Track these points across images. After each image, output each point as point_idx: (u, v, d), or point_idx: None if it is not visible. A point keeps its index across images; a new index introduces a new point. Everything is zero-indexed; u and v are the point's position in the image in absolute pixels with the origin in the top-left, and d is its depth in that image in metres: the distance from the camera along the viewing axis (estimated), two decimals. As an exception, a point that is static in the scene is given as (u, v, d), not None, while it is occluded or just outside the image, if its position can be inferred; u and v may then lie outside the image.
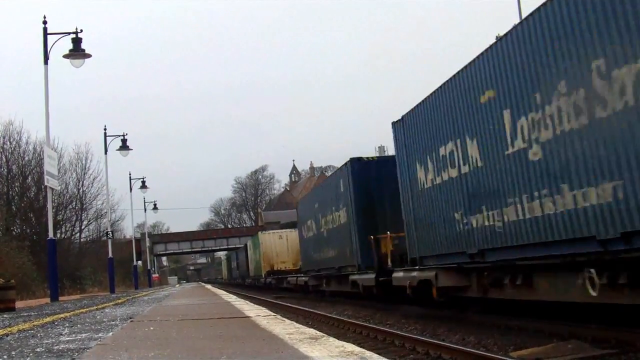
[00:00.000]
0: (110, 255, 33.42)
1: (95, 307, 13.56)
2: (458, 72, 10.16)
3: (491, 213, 9.32)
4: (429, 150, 11.59)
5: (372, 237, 15.32)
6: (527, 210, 8.30)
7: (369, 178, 16.30)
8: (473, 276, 10.54)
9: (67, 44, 20.07)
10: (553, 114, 7.56)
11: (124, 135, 33.24)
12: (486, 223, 9.49)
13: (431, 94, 11.37)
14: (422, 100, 11.77)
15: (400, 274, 13.41)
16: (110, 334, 6.44)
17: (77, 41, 19.99)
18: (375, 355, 3.97)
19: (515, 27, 8.47)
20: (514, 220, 8.67)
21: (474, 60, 9.57)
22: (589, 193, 7.05)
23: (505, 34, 8.64)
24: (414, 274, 12.41)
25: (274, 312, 8.86)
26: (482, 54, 9.31)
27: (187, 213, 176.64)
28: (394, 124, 13.33)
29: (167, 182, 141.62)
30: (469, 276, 10.68)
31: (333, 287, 20.89)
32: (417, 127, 12.07)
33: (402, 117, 12.88)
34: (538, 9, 7.81)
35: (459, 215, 10.45)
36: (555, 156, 7.60)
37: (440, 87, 10.94)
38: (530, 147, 8.13)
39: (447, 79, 10.63)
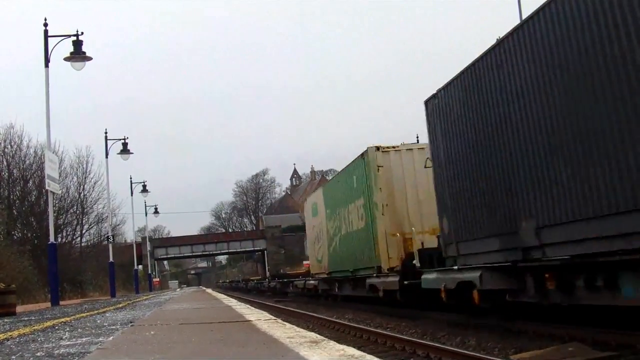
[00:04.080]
0: (111, 259, 33.40)
1: (95, 311, 13.56)
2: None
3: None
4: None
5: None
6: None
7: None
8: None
9: (68, 47, 20.11)
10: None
11: (124, 139, 33.25)
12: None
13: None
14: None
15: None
16: (111, 338, 6.44)
17: (77, 44, 19.98)
18: (376, 359, 3.97)
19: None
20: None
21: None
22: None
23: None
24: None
25: (274, 316, 8.86)
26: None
27: (188, 217, 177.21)
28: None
29: (168, 186, 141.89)
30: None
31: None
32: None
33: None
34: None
35: None
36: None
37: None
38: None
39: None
